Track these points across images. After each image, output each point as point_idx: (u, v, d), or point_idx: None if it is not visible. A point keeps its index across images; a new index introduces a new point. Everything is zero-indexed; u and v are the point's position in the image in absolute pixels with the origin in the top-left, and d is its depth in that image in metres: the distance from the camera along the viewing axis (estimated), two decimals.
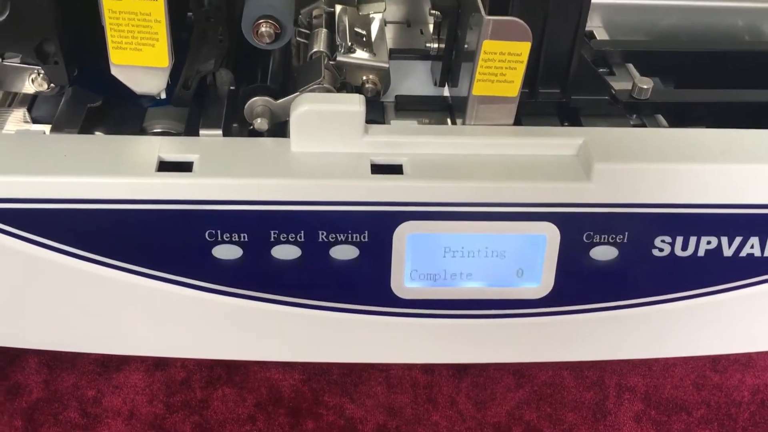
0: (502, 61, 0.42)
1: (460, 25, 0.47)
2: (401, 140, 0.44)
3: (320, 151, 0.43)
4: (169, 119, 0.48)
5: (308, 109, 0.42)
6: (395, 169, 0.44)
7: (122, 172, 0.41)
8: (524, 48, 0.42)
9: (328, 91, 0.45)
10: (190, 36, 0.44)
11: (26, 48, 0.42)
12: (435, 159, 0.44)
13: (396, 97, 0.51)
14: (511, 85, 0.43)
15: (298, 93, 0.45)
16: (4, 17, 0.41)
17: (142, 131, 0.47)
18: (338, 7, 0.53)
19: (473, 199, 0.43)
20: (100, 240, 0.42)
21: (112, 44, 0.42)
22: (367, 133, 0.43)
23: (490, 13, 0.42)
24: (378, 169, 0.43)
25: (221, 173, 0.42)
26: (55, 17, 0.41)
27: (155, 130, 0.47)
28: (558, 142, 0.44)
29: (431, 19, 0.59)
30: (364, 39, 0.52)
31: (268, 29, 0.43)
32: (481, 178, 0.43)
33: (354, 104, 0.42)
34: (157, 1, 0.40)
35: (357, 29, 0.53)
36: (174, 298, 0.44)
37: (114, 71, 0.43)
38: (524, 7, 0.44)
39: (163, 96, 0.45)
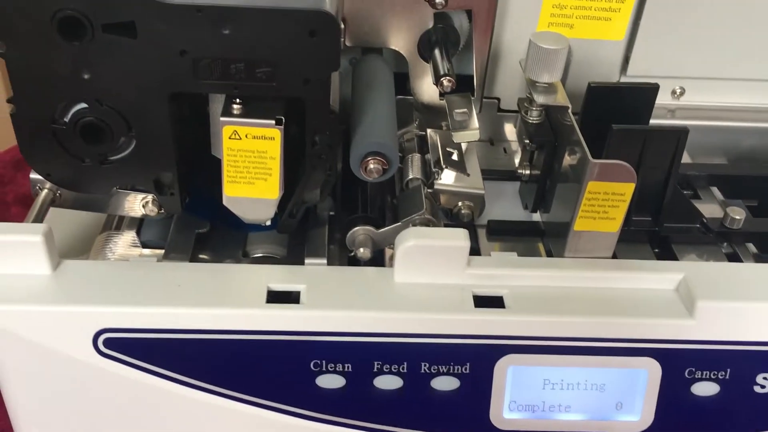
0: (605, 200, 0.43)
1: (557, 158, 0.48)
2: (503, 273, 0.45)
3: (423, 282, 0.44)
4: (271, 244, 0.49)
5: (415, 243, 0.43)
6: (496, 301, 0.44)
7: (234, 304, 0.42)
8: (628, 189, 0.43)
9: (430, 221, 0.46)
10: (293, 162, 0.46)
11: (146, 181, 0.44)
12: (536, 292, 0.44)
13: (489, 222, 0.52)
14: (613, 222, 0.44)
15: (400, 224, 0.47)
16: (127, 152, 0.43)
17: (245, 255, 0.49)
18: (429, 130, 0.55)
19: (575, 334, 0.43)
20: (206, 368, 0.43)
21: (228, 178, 0.43)
22: (470, 265, 0.44)
23: (591, 152, 0.43)
24: (479, 300, 0.44)
25: (328, 305, 0.43)
26: (175, 152, 0.43)
27: (257, 255, 0.49)
28: (657, 277, 0.45)
29: (515, 140, 0.61)
30: (457, 161, 0.53)
31: (376, 165, 0.44)
32: (583, 313, 0.43)
33: (460, 239, 0.43)
34: (273, 140, 0.42)
35: (449, 149, 0.54)
36: (277, 425, 0.44)
37: (226, 202, 0.45)
38: (621, 144, 0.46)
39: (269, 223, 0.47)
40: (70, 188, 0.44)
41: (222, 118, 0.41)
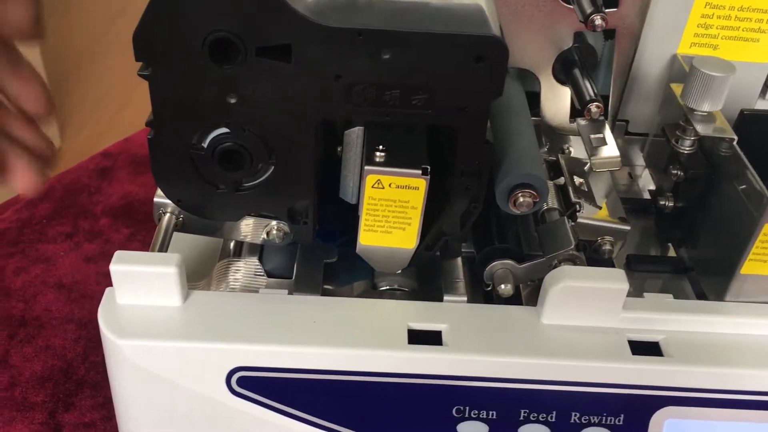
0: None
1: (712, 191, 0.45)
2: (659, 317, 0.41)
3: (573, 325, 0.41)
4: (400, 276, 0.46)
5: (569, 285, 0.40)
6: (651, 347, 0.41)
7: (376, 344, 0.40)
8: None
9: (576, 257, 0.43)
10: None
11: (280, 209, 0.42)
12: (695, 338, 0.41)
13: (628, 256, 0.49)
14: None
15: (544, 259, 0.44)
16: (263, 179, 0.41)
17: (373, 287, 0.46)
18: (560, 156, 0.52)
19: (741, 387, 0.40)
20: (342, 411, 0.41)
21: (365, 227, 0.41)
22: (625, 308, 0.41)
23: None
24: (635, 346, 0.41)
25: (473, 348, 0.40)
26: (315, 180, 0.41)
27: (386, 288, 0.46)
28: None
29: (640, 165, 0.58)
30: (587, 191, 0.50)
31: (527, 199, 0.41)
32: (750, 364, 0.40)
33: (619, 281, 0.40)
34: (418, 190, 0.39)
35: (577, 177, 0.51)
36: None
37: (359, 250, 0.42)
38: None
39: None
40: (200, 215, 0.42)
41: (366, 167, 0.39)
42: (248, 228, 0.45)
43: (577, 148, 0.56)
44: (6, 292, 0.63)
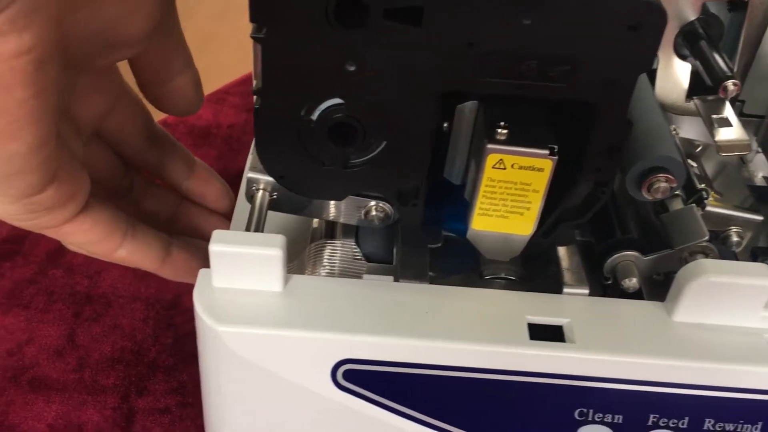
0: None
1: None
2: None
3: (708, 323, 0.38)
4: (508, 263, 0.43)
5: (709, 280, 0.36)
6: None
7: (495, 339, 0.36)
8: None
9: (710, 249, 0.40)
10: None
11: (389, 189, 0.38)
12: None
13: (753, 249, 0.45)
14: None
15: (672, 251, 0.40)
16: (373, 156, 0.37)
17: (481, 277, 0.43)
18: (677, 139, 0.48)
19: None
20: (454, 409, 0.38)
21: (479, 211, 0.37)
22: (766, 306, 0.37)
23: None
24: None
25: (599, 346, 0.36)
26: (430, 158, 0.37)
27: (494, 276, 0.43)
28: None
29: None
30: (702, 175, 0.46)
31: (663, 184, 0.38)
32: None
33: (765, 278, 0.36)
34: (542, 172, 0.36)
35: (690, 162, 0.47)
36: None
37: (470, 235, 0.39)
38: None
39: None
40: (303, 193, 0.39)
41: (489, 145, 0.35)
42: (344, 207, 0.41)
43: (685, 129, 0.52)
44: (69, 268, 0.61)
